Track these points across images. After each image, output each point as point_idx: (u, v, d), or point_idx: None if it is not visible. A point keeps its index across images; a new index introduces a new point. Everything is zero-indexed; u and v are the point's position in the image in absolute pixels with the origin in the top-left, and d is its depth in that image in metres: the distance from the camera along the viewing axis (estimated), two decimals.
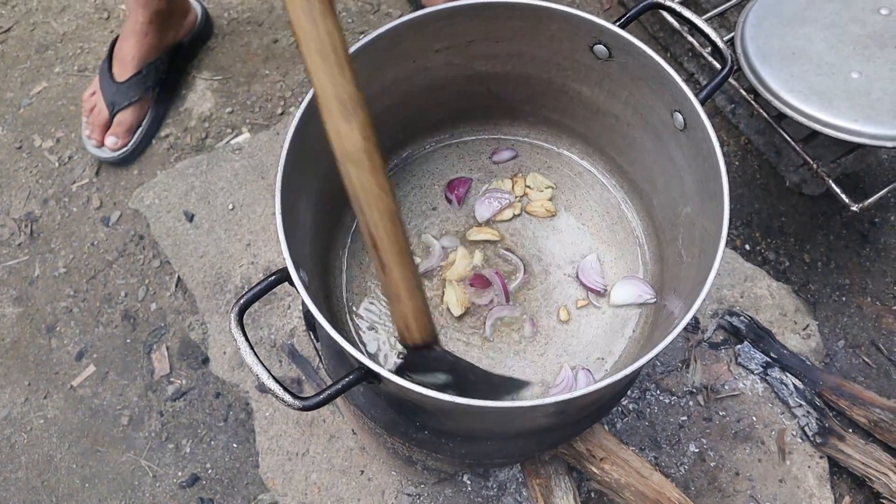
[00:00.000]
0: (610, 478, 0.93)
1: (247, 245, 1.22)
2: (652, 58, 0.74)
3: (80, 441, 1.15)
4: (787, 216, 1.28)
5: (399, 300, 0.65)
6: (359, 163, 0.59)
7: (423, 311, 0.66)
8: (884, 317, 1.20)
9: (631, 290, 0.86)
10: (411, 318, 0.66)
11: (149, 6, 1.27)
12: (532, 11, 0.77)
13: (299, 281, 0.65)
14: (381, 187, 0.60)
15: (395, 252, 0.63)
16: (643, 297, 0.86)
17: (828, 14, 1.05)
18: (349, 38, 1.52)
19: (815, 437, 1.03)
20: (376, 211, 0.61)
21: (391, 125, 0.90)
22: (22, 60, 1.49)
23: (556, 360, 0.85)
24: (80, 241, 1.30)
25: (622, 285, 0.87)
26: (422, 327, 0.67)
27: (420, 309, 0.66)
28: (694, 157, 0.76)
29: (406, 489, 1.03)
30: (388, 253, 0.62)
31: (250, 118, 1.41)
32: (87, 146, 1.33)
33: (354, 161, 0.59)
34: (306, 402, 0.62)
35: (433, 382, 0.67)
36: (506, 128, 0.96)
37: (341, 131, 0.58)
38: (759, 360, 1.08)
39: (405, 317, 0.66)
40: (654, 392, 1.07)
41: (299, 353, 1.12)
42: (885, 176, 1.31)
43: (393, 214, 0.61)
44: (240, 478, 1.11)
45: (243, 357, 0.65)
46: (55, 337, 1.23)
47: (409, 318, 0.66)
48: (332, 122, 0.58)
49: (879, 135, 0.95)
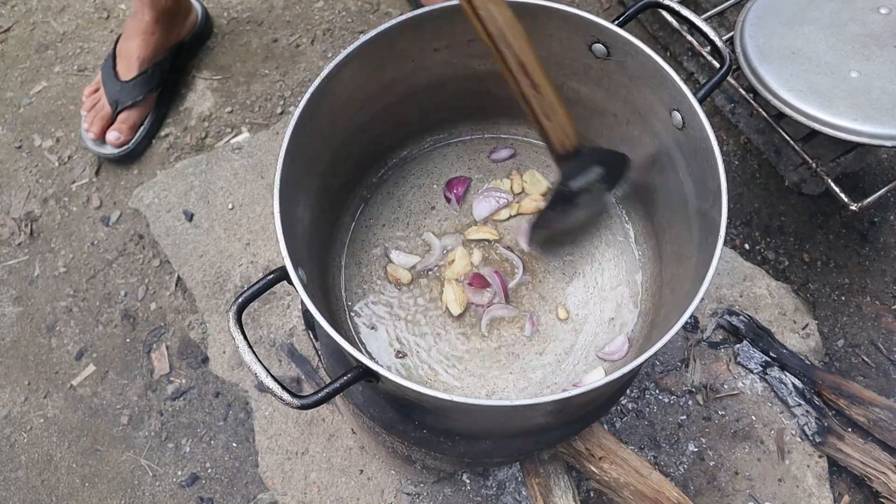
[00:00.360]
0: (609, 477, 0.93)
1: (246, 244, 1.22)
2: (650, 57, 0.74)
3: (79, 440, 1.15)
4: (786, 215, 1.28)
5: (555, 112, 0.72)
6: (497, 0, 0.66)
7: (572, 117, 0.74)
8: (883, 316, 1.20)
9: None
10: (567, 124, 0.73)
11: (156, 5, 1.27)
12: (531, 10, 0.77)
13: (298, 280, 0.65)
14: (517, 17, 0.67)
15: (542, 71, 0.69)
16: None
17: (827, 13, 1.05)
18: (348, 38, 1.52)
19: (815, 436, 1.03)
20: (521, 38, 0.68)
21: (390, 124, 0.90)
22: (22, 60, 1.49)
23: (555, 358, 0.85)
24: (80, 241, 1.30)
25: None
26: (574, 131, 0.74)
27: (570, 115, 0.73)
28: (692, 155, 0.76)
29: (405, 488, 1.03)
30: (538, 73, 0.69)
31: (250, 118, 1.41)
32: (86, 141, 1.32)
33: (494, 1, 0.66)
34: (305, 400, 0.62)
35: (593, 179, 0.77)
36: (504, 126, 0.97)
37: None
38: (759, 360, 1.08)
39: (563, 125, 0.73)
40: (654, 391, 1.07)
41: (298, 352, 1.12)
42: (885, 175, 1.31)
43: (529, 39, 0.68)
44: (239, 477, 1.11)
45: (242, 356, 0.65)
46: (55, 336, 1.23)
47: (566, 125, 0.73)
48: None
49: (879, 134, 0.95)
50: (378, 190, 0.94)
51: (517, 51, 0.68)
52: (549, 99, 0.71)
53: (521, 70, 0.69)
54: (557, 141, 0.74)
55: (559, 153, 0.75)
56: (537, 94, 0.70)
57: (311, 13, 1.52)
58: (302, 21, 1.51)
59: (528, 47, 0.68)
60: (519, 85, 0.70)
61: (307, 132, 0.73)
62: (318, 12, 1.53)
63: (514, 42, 0.68)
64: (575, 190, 0.77)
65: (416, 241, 0.91)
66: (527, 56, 0.68)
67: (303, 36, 1.49)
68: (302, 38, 1.49)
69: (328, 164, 0.82)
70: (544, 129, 0.73)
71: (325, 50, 1.48)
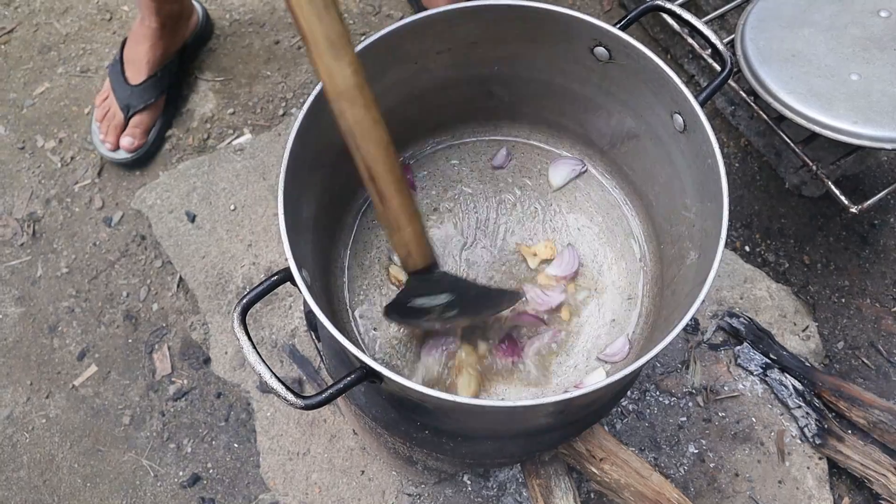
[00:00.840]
0: (610, 478, 0.93)
1: (248, 246, 1.23)
2: (652, 60, 0.74)
3: (81, 441, 1.15)
4: (786, 218, 1.29)
5: (399, 228, 0.67)
6: (352, 99, 0.60)
7: (422, 236, 0.69)
8: (883, 318, 1.20)
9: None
10: (413, 243, 0.68)
11: (161, 11, 1.28)
12: (533, 14, 0.77)
13: (302, 281, 0.66)
14: (375, 120, 0.62)
15: (392, 182, 0.64)
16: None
17: (827, 16, 1.05)
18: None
19: (815, 438, 1.03)
20: (372, 144, 0.62)
21: (393, 126, 0.89)
22: (25, 61, 1.49)
23: (556, 359, 0.85)
24: (83, 242, 1.31)
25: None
26: (422, 251, 0.69)
27: (420, 233, 0.68)
28: (693, 158, 0.76)
29: (406, 489, 1.03)
30: (385, 183, 0.64)
31: (252, 119, 1.41)
32: (101, 150, 1.34)
33: (347, 98, 0.60)
34: (308, 401, 0.63)
35: (437, 304, 0.70)
36: (506, 129, 0.97)
37: (332, 70, 0.59)
38: (759, 362, 1.09)
39: (407, 244, 0.68)
40: (654, 393, 1.08)
41: (300, 353, 1.13)
42: (885, 178, 1.31)
43: (387, 145, 0.63)
44: (241, 477, 1.12)
45: (246, 356, 0.65)
46: (57, 337, 1.23)
47: (411, 245, 0.68)
48: (323, 63, 0.59)
49: (879, 137, 0.96)
50: None
51: (365, 155, 0.62)
52: (393, 214, 0.65)
53: (369, 177, 0.64)
54: (400, 256, 0.69)
55: (404, 268, 0.70)
56: (382, 206, 0.65)
57: None
58: None
59: (380, 153, 0.62)
60: (368, 190, 0.65)
61: (310, 134, 0.73)
62: None
63: (363, 145, 0.62)
64: (414, 306, 0.71)
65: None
66: (376, 163, 0.63)
67: None
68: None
69: (331, 166, 0.83)
70: (389, 239, 0.68)
71: None
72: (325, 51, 0.58)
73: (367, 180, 0.64)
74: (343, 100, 0.60)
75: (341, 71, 0.59)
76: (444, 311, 0.70)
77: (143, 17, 1.30)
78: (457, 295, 0.71)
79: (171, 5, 1.29)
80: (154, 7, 1.26)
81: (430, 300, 0.70)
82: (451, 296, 0.71)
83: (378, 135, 0.62)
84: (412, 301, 0.70)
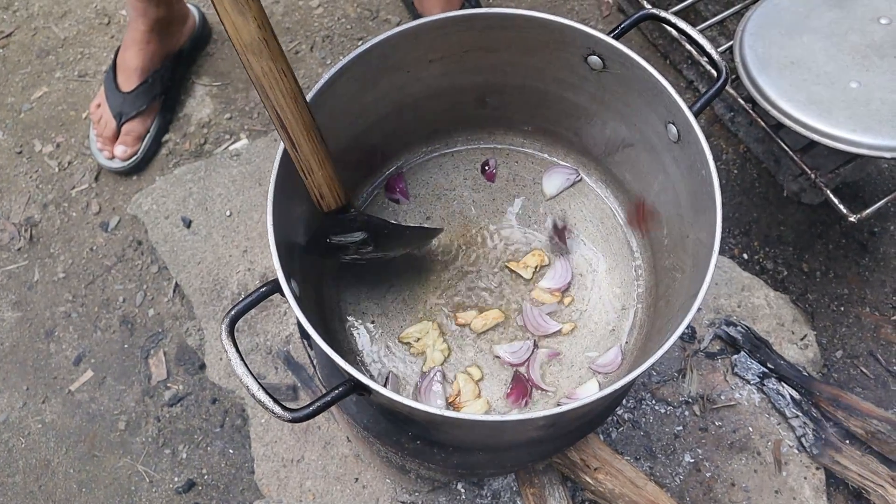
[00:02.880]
0: (604, 488, 0.93)
1: (244, 251, 1.22)
2: (646, 69, 0.74)
3: (77, 446, 1.15)
4: (785, 225, 1.28)
5: (311, 171, 0.70)
6: (258, 52, 0.63)
7: (333, 179, 0.72)
8: (882, 327, 1.19)
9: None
10: (325, 185, 0.72)
11: (148, 14, 1.27)
12: (526, 22, 0.77)
13: (290, 293, 0.65)
14: (282, 71, 0.64)
15: (301, 128, 0.67)
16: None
17: (827, 23, 1.05)
18: (347, 45, 1.52)
19: (812, 448, 1.02)
20: (279, 92, 0.65)
21: (385, 134, 0.90)
22: (23, 65, 1.50)
23: (550, 371, 0.84)
24: (79, 247, 1.31)
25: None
26: (335, 192, 0.73)
27: (330, 176, 0.72)
28: (687, 168, 0.75)
29: (400, 497, 1.03)
30: (295, 130, 0.67)
31: (249, 124, 1.41)
32: (99, 159, 1.34)
33: (253, 51, 0.63)
34: (296, 414, 0.63)
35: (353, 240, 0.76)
36: (500, 137, 0.96)
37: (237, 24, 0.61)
38: (756, 371, 1.08)
39: (319, 185, 0.72)
40: (650, 402, 1.07)
41: (295, 359, 1.12)
42: (885, 185, 1.30)
43: (295, 94, 0.66)
44: (235, 484, 1.11)
45: (234, 368, 0.65)
46: (54, 341, 1.23)
47: (322, 186, 0.72)
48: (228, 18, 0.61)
49: (878, 145, 0.95)
50: (373, 200, 0.94)
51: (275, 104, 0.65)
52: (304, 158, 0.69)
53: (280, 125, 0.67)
54: (313, 199, 0.73)
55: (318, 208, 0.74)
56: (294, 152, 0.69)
57: (310, 20, 1.52)
58: (301, 28, 1.51)
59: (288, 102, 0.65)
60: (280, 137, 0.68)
61: None
62: (318, 19, 1.53)
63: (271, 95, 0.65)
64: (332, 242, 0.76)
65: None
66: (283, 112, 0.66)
67: (302, 42, 1.49)
68: (301, 44, 1.49)
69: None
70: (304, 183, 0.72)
71: (324, 57, 1.48)
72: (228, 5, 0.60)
73: (279, 128, 0.68)
74: (249, 53, 0.63)
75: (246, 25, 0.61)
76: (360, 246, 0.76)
77: (131, 22, 1.30)
78: (370, 232, 0.76)
79: (158, 9, 1.28)
80: (140, 8, 1.26)
81: (346, 237, 0.76)
82: (365, 234, 0.76)
83: (286, 85, 0.65)
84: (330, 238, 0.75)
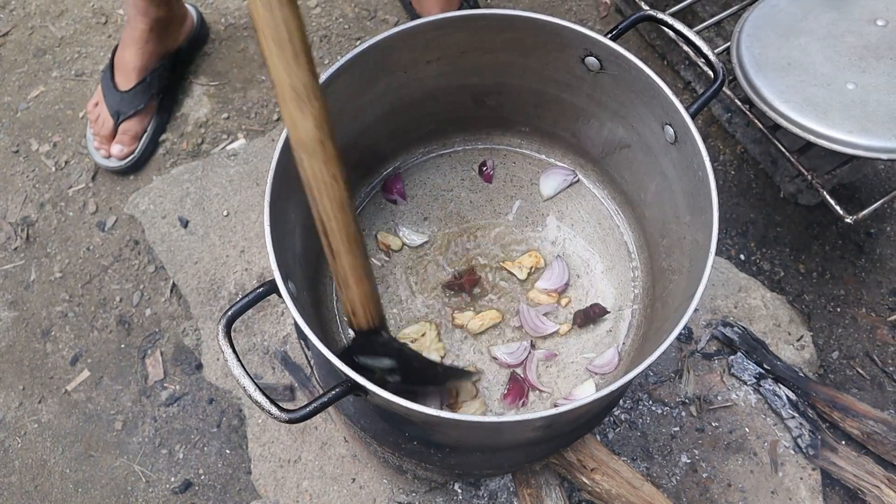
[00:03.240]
0: (601, 488, 0.93)
1: (241, 252, 1.22)
2: (643, 70, 0.74)
3: (73, 446, 1.15)
4: (782, 226, 1.28)
5: (347, 286, 0.67)
6: (312, 152, 0.60)
7: (370, 298, 0.69)
8: (878, 328, 1.20)
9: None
10: (358, 303, 0.68)
11: (149, 13, 1.27)
12: (523, 23, 0.77)
13: (287, 293, 0.65)
14: (333, 176, 0.62)
15: (344, 239, 0.65)
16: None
17: (824, 25, 1.05)
18: (345, 44, 1.52)
19: (808, 448, 1.03)
20: (327, 199, 0.62)
21: (383, 135, 0.90)
22: (20, 64, 1.49)
23: (547, 371, 0.84)
24: (76, 246, 1.31)
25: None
26: (368, 313, 0.69)
27: (367, 295, 0.68)
28: (684, 170, 0.75)
29: (397, 497, 1.03)
30: (337, 240, 0.64)
31: (246, 124, 1.41)
32: (96, 158, 1.34)
33: (308, 150, 0.60)
34: (292, 415, 0.63)
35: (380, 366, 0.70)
36: (497, 138, 0.96)
37: (296, 120, 0.59)
38: (753, 371, 1.08)
39: (352, 302, 0.68)
40: (647, 402, 1.07)
41: (292, 360, 1.12)
42: (882, 186, 1.30)
43: (343, 203, 0.63)
44: (232, 484, 1.11)
45: (231, 369, 0.65)
46: (50, 341, 1.23)
47: (356, 304, 0.68)
48: (287, 111, 0.59)
49: (875, 147, 0.95)
50: (370, 201, 0.94)
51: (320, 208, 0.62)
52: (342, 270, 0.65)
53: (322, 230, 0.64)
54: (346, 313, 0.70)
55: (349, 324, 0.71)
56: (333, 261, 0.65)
57: (308, 20, 1.52)
58: None
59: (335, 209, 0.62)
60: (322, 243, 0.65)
61: None
62: (316, 19, 1.52)
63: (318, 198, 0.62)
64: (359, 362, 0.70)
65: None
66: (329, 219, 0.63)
67: None
68: None
69: None
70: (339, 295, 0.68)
71: (322, 56, 1.48)
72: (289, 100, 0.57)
73: (321, 232, 0.65)
74: (302, 150, 0.60)
75: (304, 123, 0.58)
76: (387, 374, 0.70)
77: (130, 20, 1.29)
78: (400, 362, 0.71)
79: (159, 9, 1.28)
80: (142, 7, 1.26)
81: (374, 361, 0.70)
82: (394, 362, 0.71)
83: (335, 191, 0.62)
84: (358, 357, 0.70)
